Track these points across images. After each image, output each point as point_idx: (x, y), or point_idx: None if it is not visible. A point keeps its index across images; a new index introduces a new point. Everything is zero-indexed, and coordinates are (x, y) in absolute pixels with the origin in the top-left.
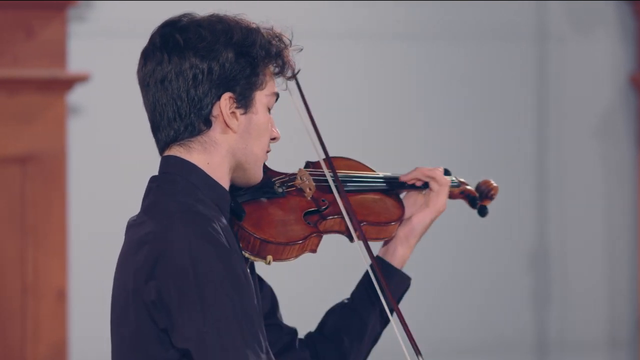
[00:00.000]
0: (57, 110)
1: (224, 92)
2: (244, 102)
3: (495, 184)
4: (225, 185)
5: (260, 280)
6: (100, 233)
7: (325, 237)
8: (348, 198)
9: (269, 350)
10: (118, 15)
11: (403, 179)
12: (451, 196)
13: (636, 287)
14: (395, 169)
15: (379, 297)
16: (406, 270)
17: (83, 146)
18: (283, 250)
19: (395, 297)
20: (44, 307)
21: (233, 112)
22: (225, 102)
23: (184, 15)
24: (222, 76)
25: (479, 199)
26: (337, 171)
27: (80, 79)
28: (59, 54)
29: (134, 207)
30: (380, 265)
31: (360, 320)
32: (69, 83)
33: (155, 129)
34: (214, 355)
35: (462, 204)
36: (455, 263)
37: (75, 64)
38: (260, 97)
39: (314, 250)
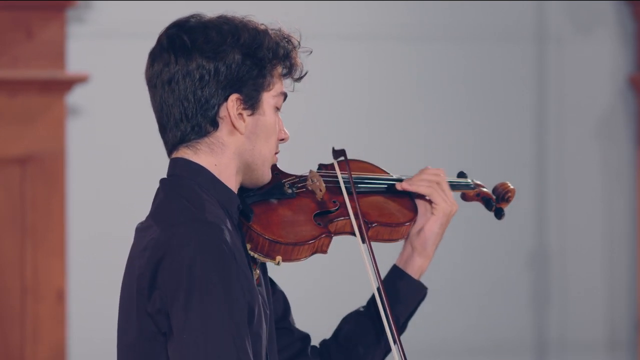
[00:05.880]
0: (56, 111)
1: (231, 93)
2: (251, 103)
3: (512, 187)
4: (233, 186)
5: (272, 283)
6: (99, 234)
7: (335, 238)
8: (359, 199)
9: None
10: (117, 17)
11: (398, 187)
12: (466, 198)
13: (636, 288)
14: (394, 169)
15: (393, 306)
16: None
17: (82, 147)
18: (292, 250)
19: (411, 306)
20: (43, 308)
21: (240, 114)
22: (233, 103)
23: (192, 16)
24: (229, 77)
25: (495, 201)
26: (350, 173)
27: (80, 80)
28: (58, 55)
29: (134, 208)
30: (396, 274)
31: (375, 329)
32: (68, 84)
33: (163, 130)
34: (178, 357)
35: (461, 205)
36: (454, 264)
37: (74, 65)
38: (268, 99)
39: (324, 251)
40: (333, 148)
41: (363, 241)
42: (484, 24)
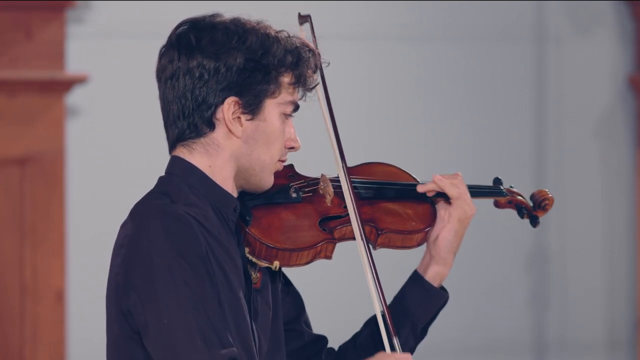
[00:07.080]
0: (55, 112)
1: (229, 95)
2: (251, 108)
3: (550, 195)
4: (230, 188)
5: (288, 284)
6: (98, 234)
7: (347, 242)
8: (375, 204)
9: (233, 345)
10: (116, 17)
11: (420, 189)
12: (498, 205)
13: (635, 288)
14: None
15: (411, 311)
16: (403, 271)
17: (82, 147)
18: (290, 256)
19: (430, 313)
20: (42, 308)
21: (238, 117)
22: (229, 106)
23: (209, 16)
24: (228, 79)
25: (532, 208)
26: (366, 178)
27: (79, 80)
28: (58, 56)
29: None
30: (415, 279)
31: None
32: (67, 84)
33: (165, 126)
34: (160, 345)
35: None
36: (453, 264)
37: (73, 66)
38: (272, 105)
39: (328, 257)
40: (299, 13)
41: (365, 249)
42: (483, 24)
